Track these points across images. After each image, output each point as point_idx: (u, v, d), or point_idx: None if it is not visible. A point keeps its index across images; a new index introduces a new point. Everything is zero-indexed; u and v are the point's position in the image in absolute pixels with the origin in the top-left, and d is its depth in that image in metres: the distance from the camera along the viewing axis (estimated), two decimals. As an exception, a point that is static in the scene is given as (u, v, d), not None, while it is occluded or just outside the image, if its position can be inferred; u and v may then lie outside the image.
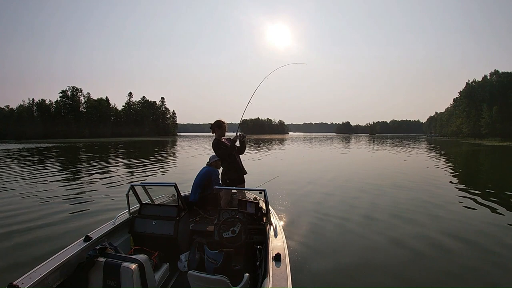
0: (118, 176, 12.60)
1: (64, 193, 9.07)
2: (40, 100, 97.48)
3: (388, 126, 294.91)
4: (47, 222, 6.11)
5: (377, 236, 5.23)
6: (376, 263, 4.19)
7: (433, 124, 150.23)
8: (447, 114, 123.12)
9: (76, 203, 7.72)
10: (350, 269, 4.02)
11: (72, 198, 8.39)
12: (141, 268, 2.49)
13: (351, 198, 8.06)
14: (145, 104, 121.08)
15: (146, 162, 18.50)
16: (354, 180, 11.21)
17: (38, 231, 5.58)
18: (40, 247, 4.79)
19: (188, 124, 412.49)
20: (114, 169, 15.15)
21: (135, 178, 12.16)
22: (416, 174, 13.26)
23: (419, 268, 4.05)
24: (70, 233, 5.36)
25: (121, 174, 13.42)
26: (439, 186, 10.15)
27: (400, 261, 4.27)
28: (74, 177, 12.43)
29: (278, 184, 9.48)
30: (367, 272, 3.95)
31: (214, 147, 4.64)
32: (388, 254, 4.49)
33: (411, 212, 6.78)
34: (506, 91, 79.86)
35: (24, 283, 2.16)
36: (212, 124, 4.69)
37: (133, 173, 13.64)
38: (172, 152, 28.03)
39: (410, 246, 4.80)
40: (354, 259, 4.33)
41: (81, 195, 8.81)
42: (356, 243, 4.95)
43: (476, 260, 4.34)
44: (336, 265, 4.11)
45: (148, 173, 13.65)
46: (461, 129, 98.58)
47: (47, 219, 6.36)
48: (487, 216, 6.67)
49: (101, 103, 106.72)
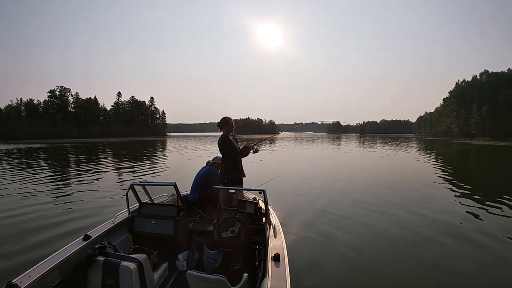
0: (118, 176, 12.55)
1: (64, 193, 9.03)
2: (28, 100, 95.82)
3: (378, 126, 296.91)
4: (47, 222, 6.09)
5: (378, 236, 5.24)
6: (377, 263, 4.20)
7: (422, 124, 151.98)
8: (436, 114, 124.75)
9: (75, 203, 7.70)
10: (350, 269, 4.03)
11: (71, 197, 8.37)
12: (140, 267, 2.49)
13: (351, 198, 8.06)
14: (134, 104, 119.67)
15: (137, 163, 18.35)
16: (353, 180, 11.25)
17: (37, 230, 5.55)
18: (39, 246, 4.77)
19: (179, 124, 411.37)
20: (114, 169, 15.05)
21: (132, 178, 12.09)
22: (417, 173, 13.39)
23: (420, 269, 4.05)
24: (69, 232, 5.33)
25: (121, 174, 13.34)
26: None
27: (400, 261, 4.29)
28: (73, 177, 12.30)
29: (277, 184, 9.52)
30: (367, 272, 3.96)
31: (221, 144, 4.58)
32: (389, 255, 4.50)
33: (412, 213, 6.72)
34: (496, 91, 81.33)
35: (23, 282, 2.16)
36: (219, 121, 4.64)
37: (132, 173, 13.54)
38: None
39: (412, 246, 4.81)
40: (354, 259, 4.33)
41: (81, 195, 8.76)
42: (356, 243, 4.94)
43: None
44: (336, 265, 4.12)
45: (141, 173, 13.54)
46: (451, 129, 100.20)
47: (46, 218, 6.33)
48: (465, 207, 6.94)
49: (90, 103, 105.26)
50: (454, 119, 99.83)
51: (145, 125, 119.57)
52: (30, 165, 16.90)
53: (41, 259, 2.50)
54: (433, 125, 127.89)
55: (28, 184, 10.55)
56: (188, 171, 12.53)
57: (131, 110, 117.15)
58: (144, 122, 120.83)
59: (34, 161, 19.70)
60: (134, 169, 15.22)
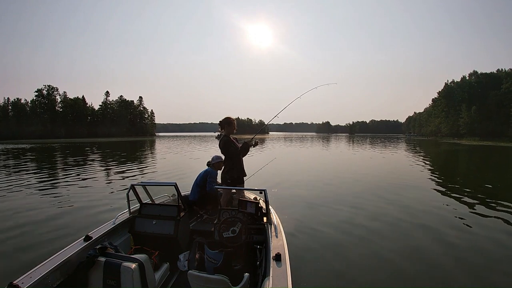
0: (117, 176, 12.51)
1: (63, 192, 8.99)
2: (16, 99, 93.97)
3: (367, 126, 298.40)
4: (47, 222, 6.09)
5: (378, 236, 5.25)
6: (377, 263, 4.22)
7: (412, 124, 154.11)
8: (426, 114, 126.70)
9: (75, 203, 7.66)
10: (350, 269, 4.05)
11: (71, 197, 8.33)
12: (141, 268, 2.49)
13: (351, 199, 8.09)
14: (123, 103, 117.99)
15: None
16: (354, 180, 11.32)
17: (38, 231, 5.52)
18: (40, 247, 4.74)
19: (168, 124, 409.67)
20: (113, 169, 14.94)
21: (122, 178, 11.96)
22: (412, 174, 13.50)
23: (420, 269, 4.06)
24: (70, 233, 5.30)
25: (119, 173, 13.27)
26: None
27: (401, 261, 4.30)
28: (72, 177, 12.12)
29: (277, 184, 9.67)
30: (367, 272, 3.98)
31: (224, 144, 4.47)
32: (390, 255, 4.50)
33: (412, 213, 6.75)
34: (485, 92, 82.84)
35: (25, 283, 2.15)
36: (221, 121, 4.57)
37: (121, 174, 13.38)
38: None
39: (413, 247, 4.82)
40: (355, 259, 4.35)
41: (81, 194, 8.72)
42: (357, 243, 4.95)
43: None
44: (337, 265, 4.13)
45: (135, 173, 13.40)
46: (440, 129, 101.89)
47: (47, 219, 6.31)
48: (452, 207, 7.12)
49: (77, 102, 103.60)
50: (443, 119, 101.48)
51: (133, 125, 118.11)
52: (23, 166, 16.59)
53: (43, 259, 2.49)
54: (422, 125, 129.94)
55: (26, 185, 10.40)
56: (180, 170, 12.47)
57: (119, 110, 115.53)
58: (133, 122, 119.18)
59: (27, 162, 19.34)
60: (128, 169, 15.09)
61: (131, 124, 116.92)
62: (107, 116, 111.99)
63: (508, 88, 75.76)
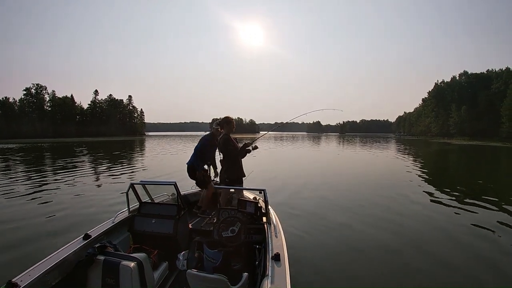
0: (117, 176, 12.46)
1: (63, 192, 8.98)
2: (4, 98, 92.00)
3: (358, 125, 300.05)
4: (46, 221, 6.09)
5: (378, 237, 5.30)
6: (377, 263, 4.25)
7: (402, 123, 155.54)
8: (416, 113, 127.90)
9: (75, 202, 7.66)
10: (350, 269, 4.08)
11: (70, 197, 8.32)
12: (140, 267, 2.49)
13: (351, 199, 8.14)
14: (112, 102, 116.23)
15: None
16: (352, 181, 11.40)
17: (37, 230, 5.53)
18: (39, 245, 4.75)
19: (159, 123, 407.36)
20: (113, 169, 14.86)
21: (129, 177, 12.03)
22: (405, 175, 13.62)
23: (420, 269, 4.08)
24: (69, 231, 5.29)
25: (119, 174, 13.19)
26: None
27: (402, 261, 4.33)
28: (70, 178, 12.01)
29: (277, 184, 9.74)
30: (367, 272, 4.00)
31: (224, 142, 4.53)
32: (390, 255, 4.54)
33: (412, 214, 6.77)
34: (475, 92, 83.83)
35: (23, 281, 2.15)
36: (221, 121, 4.66)
37: (129, 173, 13.45)
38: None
39: (413, 247, 4.85)
40: (354, 259, 4.38)
41: (80, 194, 8.70)
42: (356, 243, 4.98)
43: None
44: (336, 265, 4.16)
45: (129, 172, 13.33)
46: (430, 129, 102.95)
47: (46, 217, 6.31)
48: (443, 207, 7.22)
49: (66, 101, 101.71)
50: (433, 119, 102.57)
51: (122, 124, 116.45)
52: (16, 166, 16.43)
53: (41, 258, 2.48)
54: (412, 124, 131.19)
55: (24, 184, 10.41)
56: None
57: (108, 109, 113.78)
58: (122, 121, 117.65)
59: (16, 162, 19.13)
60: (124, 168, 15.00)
61: (121, 123, 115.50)
62: (96, 115, 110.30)
63: (499, 88, 76.49)
